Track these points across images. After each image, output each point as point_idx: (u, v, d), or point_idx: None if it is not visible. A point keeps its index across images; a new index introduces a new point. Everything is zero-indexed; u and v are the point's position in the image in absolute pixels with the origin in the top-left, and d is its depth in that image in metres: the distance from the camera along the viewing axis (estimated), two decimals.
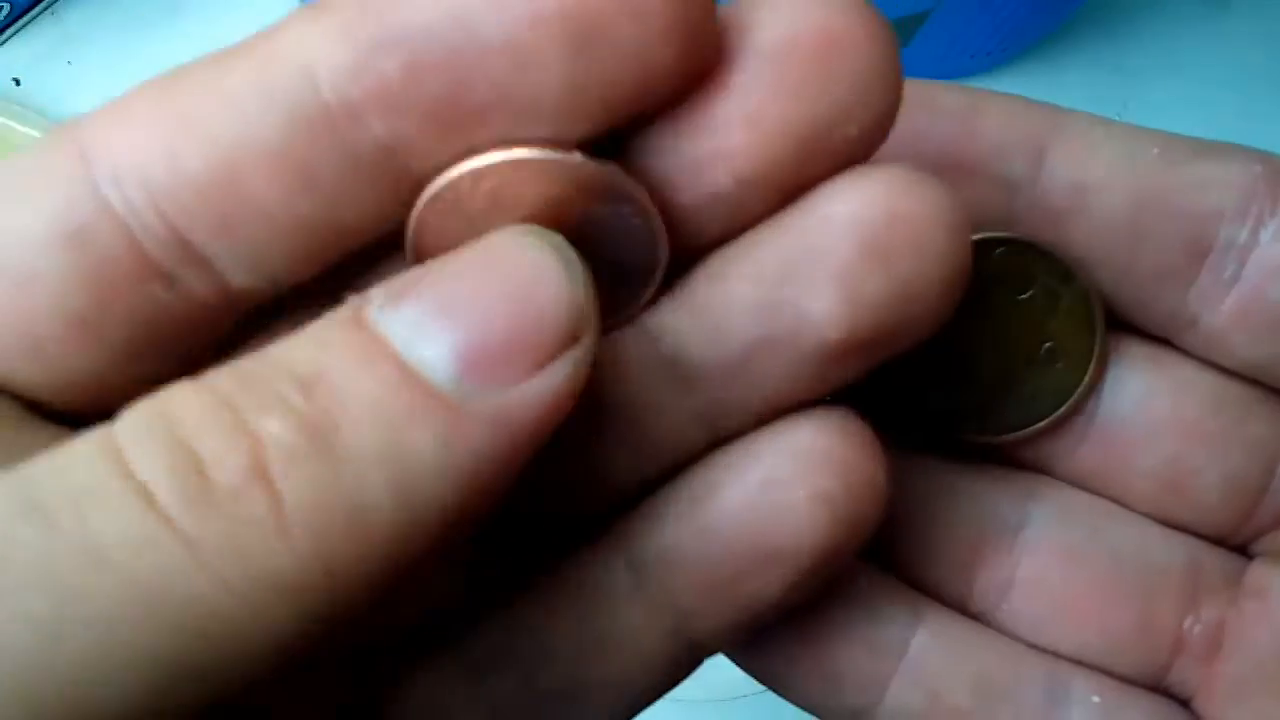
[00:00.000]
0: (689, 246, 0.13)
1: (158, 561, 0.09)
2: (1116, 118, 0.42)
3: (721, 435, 0.14)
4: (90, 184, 0.11)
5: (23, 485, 0.10)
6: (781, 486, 0.13)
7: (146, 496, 0.09)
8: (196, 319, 0.12)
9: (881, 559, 0.16)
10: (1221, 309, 0.15)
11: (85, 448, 0.10)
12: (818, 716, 0.16)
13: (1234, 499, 0.16)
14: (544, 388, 0.10)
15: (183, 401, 0.10)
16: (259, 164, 0.11)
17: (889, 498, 0.13)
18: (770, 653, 0.16)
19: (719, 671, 0.31)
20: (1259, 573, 0.16)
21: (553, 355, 0.10)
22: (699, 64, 0.11)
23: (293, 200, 0.11)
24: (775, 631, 0.15)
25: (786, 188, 0.12)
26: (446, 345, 0.10)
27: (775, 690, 0.16)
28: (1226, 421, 0.15)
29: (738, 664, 0.16)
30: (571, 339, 0.10)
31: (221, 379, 0.10)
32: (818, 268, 0.12)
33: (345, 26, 0.10)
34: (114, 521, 0.09)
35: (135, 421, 0.10)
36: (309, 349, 0.10)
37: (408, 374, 0.10)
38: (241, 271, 0.12)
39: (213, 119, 0.11)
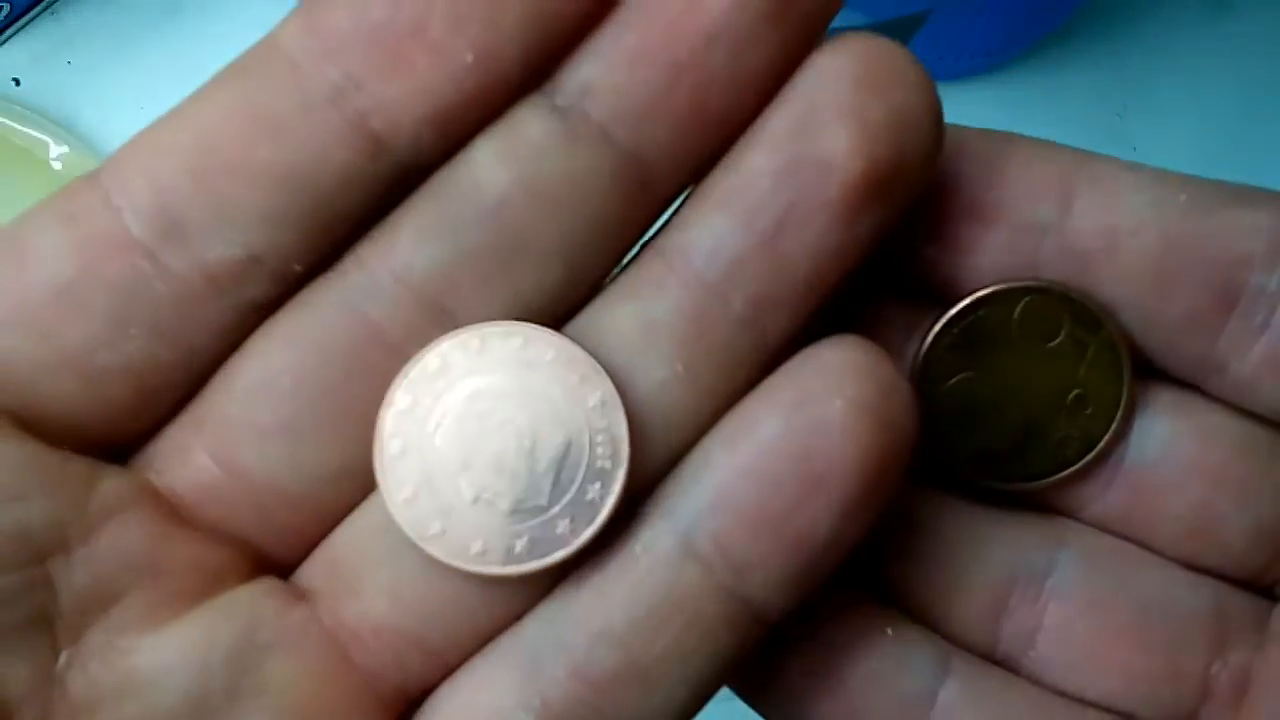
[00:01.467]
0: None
1: None
2: (1116, 118, 0.42)
3: (770, 342, 0.14)
4: (94, 181, 0.13)
5: None
6: (817, 401, 0.13)
7: None
8: (178, 293, 0.13)
9: (907, 606, 0.16)
10: (1251, 356, 0.15)
11: None
12: None
13: (1261, 544, 0.16)
14: None
15: None
16: (228, 120, 0.13)
17: (918, 411, 0.14)
18: (795, 701, 0.16)
19: None
20: None
21: None
22: None
23: (258, 146, 0.13)
24: (800, 681, 0.15)
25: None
26: None
27: None
28: (1254, 467, 0.16)
29: (762, 713, 0.16)
30: None
31: None
32: (825, 113, 0.13)
33: (303, 3, 0.13)
34: None
35: None
36: None
37: None
38: (217, 238, 0.13)
39: (196, 102, 0.13)
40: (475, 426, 0.13)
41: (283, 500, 0.14)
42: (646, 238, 0.14)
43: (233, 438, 0.13)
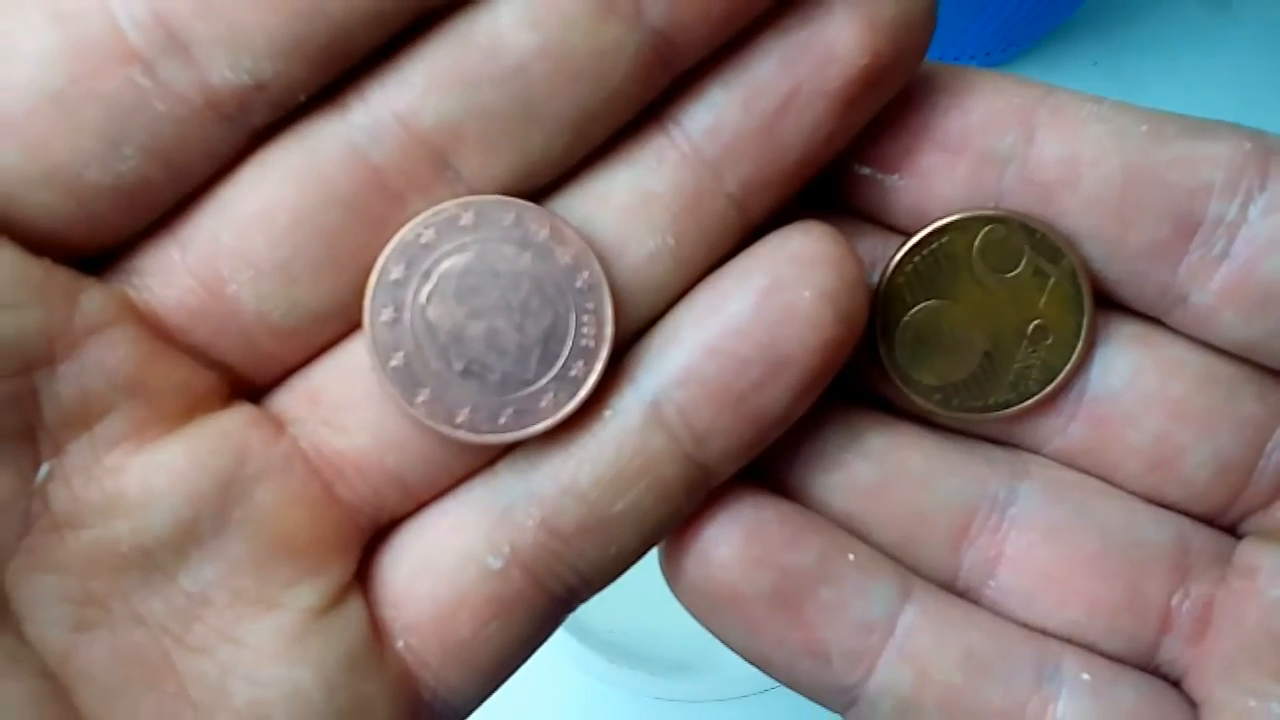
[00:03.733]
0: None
1: None
2: None
3: (753, 220, 0.14)
4: None
5: None
6: (787, 288, 0.14)
7: None
8: (179, 116, 0.12)
9: (869, 534, 0.16)
10: (1210, 286, 0.15)
11: None
12: (806, 695, 0.16)
13: (1222, 477, 0.16)
14: None
15: None
16: None
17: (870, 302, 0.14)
18: (759, 632, 0.16)
19: (719, 671, 0.31)
20: (1248, 551, 0.16)
21: None
22: None
23: None
24: (764, 612, 0.15)
25: None
26: None
27: (763, 670, 0.16)
28: (1215, 399, 0.15)
29: (728, 643, 0.16)
30: None
31: None
32: (833, 5, 0.13)
33: None
34: None
35: None
36: None
37: None
38: (222, 61, 0.12)
39: None
40: (467, 302, 0.14)
41: (269, 331, 0.14)
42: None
43: (225, 265, 0.13)
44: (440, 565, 0.14)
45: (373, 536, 0.15)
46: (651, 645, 0.33)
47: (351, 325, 0.14)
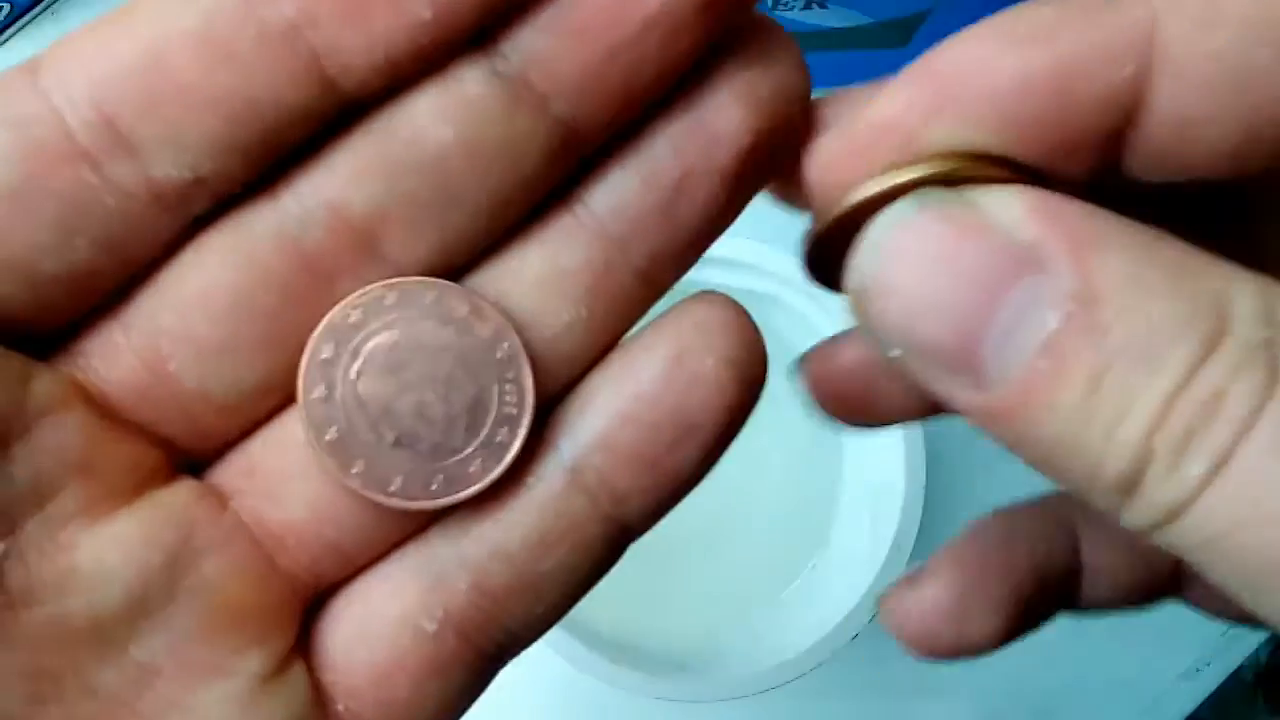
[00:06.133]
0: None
1: None
2: None
3: (659, 290, 0.15)
4: (33, 83, 0.13)
5: None
6: (693, 357, 0.15)
7: None
8: (126, 211, 0.13)
9: None
10: None
11: None
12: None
13: None
14: None
15: None
16: (183, 43, 0.13)
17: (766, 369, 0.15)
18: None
19: (719, 671, 0.31)
20: None
21: None
22: None
23: (212, 73, 0.13)
24: None
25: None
26: None
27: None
28: None
29: None
30: None
31: None
32: (716, 90, 0.14)
33: None
34: None
35: None
36: None
37: None
38: (165, 158, 0.13)
39: (146, 16, 0.13)
40: (395, 377, 0.15)
41: (209, 408, 0.14)
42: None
43: (166, 345, 0.14)
44: (377, 630, 0.15)
45: (312, 603, 0.15)
46: (651, 645, 0.33)
47: (286, 399, 0.15)
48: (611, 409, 0.15)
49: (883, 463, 0.32)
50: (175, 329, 0.14)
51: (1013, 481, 0.19)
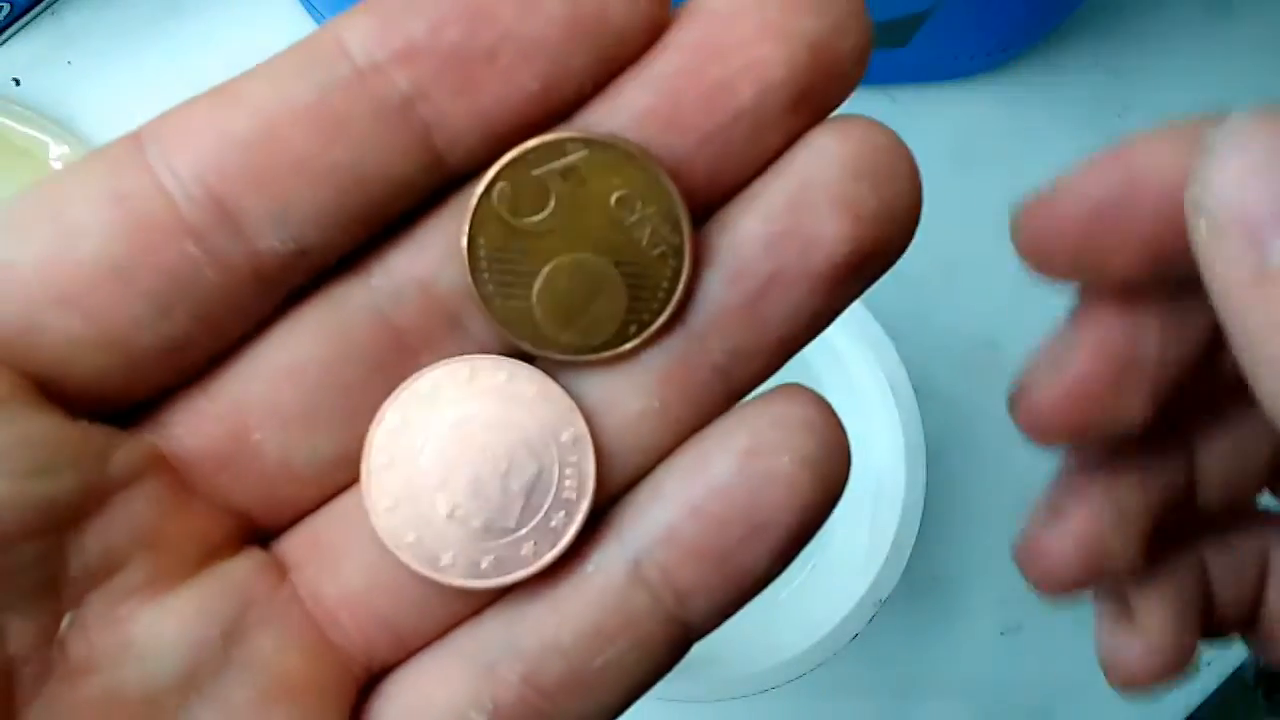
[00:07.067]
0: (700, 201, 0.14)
1: None
2: (1116, 118, 0.42)
3: (738, 388, 0.15)
4: (139, 158, 0.13)
5: None
6: (767, 453, 0.14)
7: None
8: (226, 282, 0.13)
9: None
10: None
11: None
12: None
13: None
14: None
15: None
16: (297, 117, 0.13)
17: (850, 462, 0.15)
18: None
19: (719, 671, 0.31)
20: None
21: None
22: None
23: (327, 147, 0.13)
24: None
25: (789, 123, 0.14)
26: None
27: None
28: None
29: None
30: None
31: None
32: (819, 194, 0.14)
33: (370, 6, 0.13)
34: None
35: None
36: None
37: None
38: (269, 231, 0.13)
39: (256, 91, 0.13)
40: (457, 449, 0.14)
41: (289, 478, 0.14)
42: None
43: (252, 415, 0.14)
44: (426, 718, 0.15)
45: (366, 685, 0.15)
46: None
47: (356, 474, 0.15)
48: (679, 501, 0.14)
49: (883, 463, 0.32)
50: (264, 400, 0.14)
51: (1013, 482, 0.19)
